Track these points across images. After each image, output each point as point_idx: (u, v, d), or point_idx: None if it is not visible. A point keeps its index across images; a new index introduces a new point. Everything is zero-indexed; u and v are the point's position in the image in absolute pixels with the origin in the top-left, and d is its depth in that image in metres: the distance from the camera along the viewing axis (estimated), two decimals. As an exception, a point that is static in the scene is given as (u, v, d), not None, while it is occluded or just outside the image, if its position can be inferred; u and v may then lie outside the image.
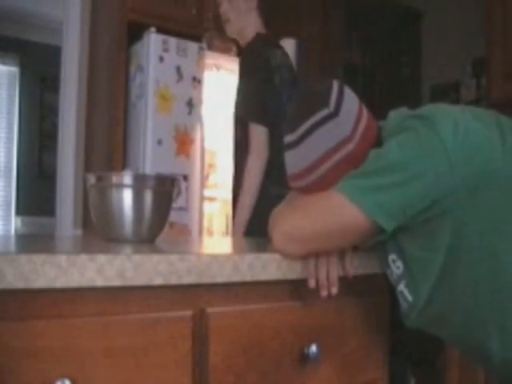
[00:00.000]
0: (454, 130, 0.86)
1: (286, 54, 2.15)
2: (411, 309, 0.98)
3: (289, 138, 1.00)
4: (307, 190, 1.00)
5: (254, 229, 2.00)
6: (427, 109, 0.95)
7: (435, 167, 0.85)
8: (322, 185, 0.96)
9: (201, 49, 2.88)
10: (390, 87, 4.24)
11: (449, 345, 1.19)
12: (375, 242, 0.96)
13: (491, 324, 0.91)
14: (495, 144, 0.87)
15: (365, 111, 1.00)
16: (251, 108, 2.03)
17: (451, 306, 0.94)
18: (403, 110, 1.03)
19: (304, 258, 0.96)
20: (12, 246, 1.02)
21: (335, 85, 1.00)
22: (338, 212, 0.90)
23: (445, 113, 0.91)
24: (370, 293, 1.12)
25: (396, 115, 1.02)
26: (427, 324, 1.01)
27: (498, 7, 2.87)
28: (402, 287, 0.99)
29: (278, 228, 0.94)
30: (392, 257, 0.99)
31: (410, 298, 0.97)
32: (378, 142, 0.98)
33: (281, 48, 2.14)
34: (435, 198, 0.86)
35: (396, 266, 0.99)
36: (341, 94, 0.99)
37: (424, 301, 0.95)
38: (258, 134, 2.01)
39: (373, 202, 0.87)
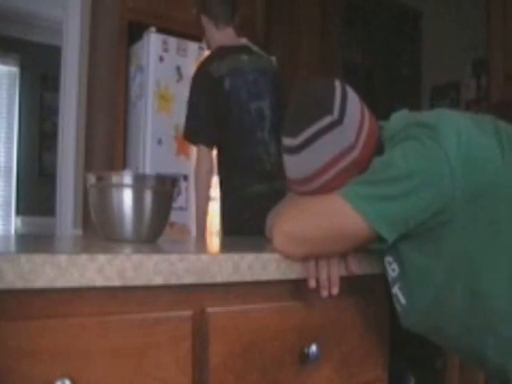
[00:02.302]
0: (458, 141, 0.86)
1: (252, 59, 2.25)
2: (405, 312, 0.98)
3: (289, 142, 0.98)
4: (310, 195, 0.99)
5: (232, 229, 2.19)
6: (431, 117, 0.94)
7: (438, 179, 0.85)
8: (325, 191, 0.95)
9: (201, 49, 2.88)
10: (389, 87, 4.24)
11: (446, 349, 1.20)
12: (375, 248, 0.96)
13: (488, 333, 0.91)
14: (495, 155, 0.87)
15: (367, 113, 0.99)
16: (189, 126, 2.20)
17: (448, 317, 0.94)
18: (406, 114, 1.02)
19: (304, 258, 0.95)
20: (12, 246, 1.01)
21: (338, 87, 0.98)
22: (339, 218, 0.89)
23: (448, 122, 0.90)
24: (370, 293, 1.12)
25: (398, 119, 1.00)
26: (423, 331, 1.01)
27: (498, 7, 2.87)
28: (396, 289, 0.99)
29: (279, 228, 0.94)
30: (388, 259, 0.99)
31: (403, 300, 0.97)
32: (380, 145, 0.98)
33: (237, 54, 2.22)
34: (437, 209, 0.86)
35: (391, 269, 0.98)
36: (344, 98, 0.96)
37: (420, 309, 0.95)
38: (197, 151, 2.22)
39: (376, 211, 0.87)
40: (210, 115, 2.15)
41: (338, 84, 0.99)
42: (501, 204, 0.86)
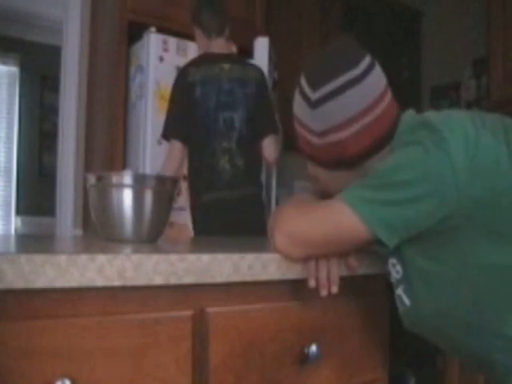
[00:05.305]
0: (465, 147, 0.84)
1: (234, 67, 2.32)
2: (408, 313, 0.98)
3: (310, 94, 0.98)
4: (324, 149, 0.99)
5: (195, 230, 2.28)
6: (438, 119, 0.92)
7: (442, 188, 0.83)
8: (342, 147, 0.97)
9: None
10: (389, 87, 4.23)
11: (447, 353, 1.19)
12: (379, 250, 0.96)
13: (493, 335, 0.90)
14: (503, 161, 0.85)
15: (389, 94, 1.01)
16: (165, 124, 2.29)
17: (452, 318, 0.93)
18: (413, 115, 1.01)
19: (304, 258, 0.95)
20: (12, 246, 1.01)
21: (368, 56, 1.00)
22: (340, 222, 0.89)
23: (456, 126, 0.88)
24: (370, 293, 1.12)
25: (406, 121, 0.99)
26: (425, 333, 1.01)
27: (497, 7, 2.87)
28: (400, 291, 0.98)
29: (281, 229, 0.94)
30: (392, 260, 0.98)
31: (407, 302, 0.97)
32: (396, 123, 0.98)
33: (219, 62, 2.31)
34: (440, 217, 0.85)
35: (395, 270, 0.98)
36: (372, 64, 0.99)
37: (424, 310, 0.95)
38: (169, 147, 2.29)
39: (377, 216, 0.86)
40: (182, 115, 2.24)
41: (368, 54, 1.01)
42: (506, 210, 0.85)
